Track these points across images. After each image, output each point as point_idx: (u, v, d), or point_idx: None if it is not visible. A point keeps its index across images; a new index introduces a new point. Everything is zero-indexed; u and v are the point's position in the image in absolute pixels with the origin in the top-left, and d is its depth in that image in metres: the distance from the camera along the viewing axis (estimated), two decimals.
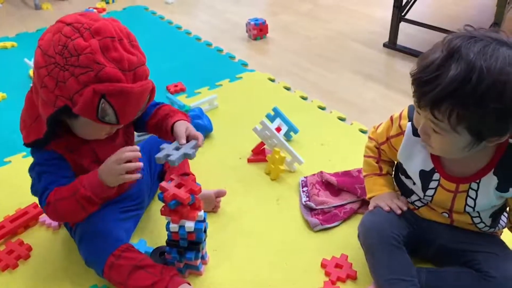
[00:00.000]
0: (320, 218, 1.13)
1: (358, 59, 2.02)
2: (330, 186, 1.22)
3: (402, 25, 2.04)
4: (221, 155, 1.41)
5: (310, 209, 1.16)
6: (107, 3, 2.74)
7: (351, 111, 1.62)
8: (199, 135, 0.96)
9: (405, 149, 0.92)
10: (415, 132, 0.88)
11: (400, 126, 0.93)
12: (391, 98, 1.72)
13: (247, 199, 1.23)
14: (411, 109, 0.91)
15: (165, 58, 2.06)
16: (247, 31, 2.26)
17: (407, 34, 2.11)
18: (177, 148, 0.92)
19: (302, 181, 1.25)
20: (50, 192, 0.93)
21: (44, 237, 1.13)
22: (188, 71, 1.94)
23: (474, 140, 0.76)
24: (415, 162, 0.91)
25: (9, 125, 1.01)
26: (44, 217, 1.17)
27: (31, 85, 0.92)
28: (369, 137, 1.04)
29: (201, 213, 0.95)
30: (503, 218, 0.95)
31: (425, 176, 0.90)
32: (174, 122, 1.00)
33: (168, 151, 0.90)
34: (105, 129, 0.93)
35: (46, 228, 1.16)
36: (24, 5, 2.79)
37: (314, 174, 1.27)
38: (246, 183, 1.29)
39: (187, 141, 0.95)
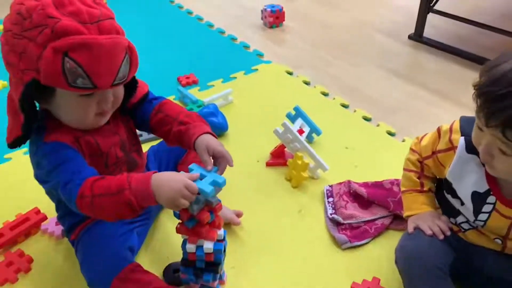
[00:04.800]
0: (348, 234, 1.02)
1: (381, 52, 1.89)
2: (358, 197, 1.11)
3: (429, 15, 1.90)
4: (238, 157, 1.26)
5: (337, 223, 1.05)
6: None
7: (376, 110, 1.50)
8: (226, 154, 0.85)
9: (456, 168, 0.80)
10: (468, 149, 0.77)
11: (450, 140, 0.81)
12: (418, 96, 1.60)
13: (266, 210, 1.13)
14: (464, 122, 0.80)
15: (175, 46, 1.94)
16: (262, 18, 2.13)
17: (433, 26, 1.97)
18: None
19: (327, 190, 1.15)
20: (81, 183, 0.77)
21: (47, 247, 1.04)
22: (200, 61, 1.82)
23: None
24: (467, 182, 0.80)
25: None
26: (46, 224, 1.07)
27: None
28: (411, 149, 0.93)
29: (221, 232, 0.85)
30: None
31: (478, 199, 0.79)
32: (196, 138, 0.86)
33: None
34: (91, 105, 0.79)
35: (48, 236, 1.06)
36: None
37: (340, 183, 1.16)
38: (265, 191, 1.18)
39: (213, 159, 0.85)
